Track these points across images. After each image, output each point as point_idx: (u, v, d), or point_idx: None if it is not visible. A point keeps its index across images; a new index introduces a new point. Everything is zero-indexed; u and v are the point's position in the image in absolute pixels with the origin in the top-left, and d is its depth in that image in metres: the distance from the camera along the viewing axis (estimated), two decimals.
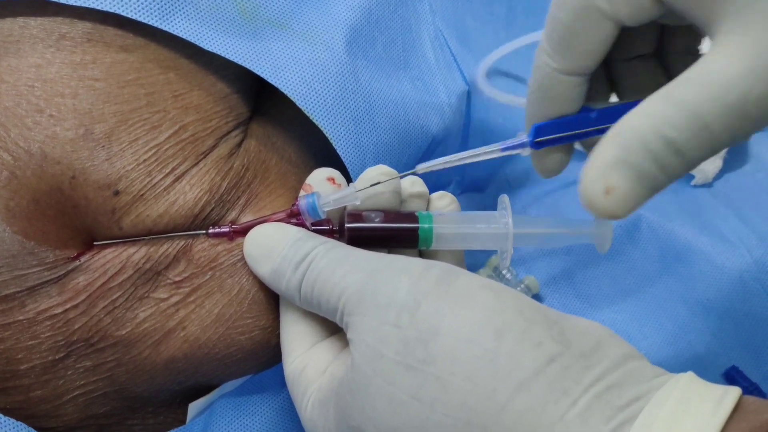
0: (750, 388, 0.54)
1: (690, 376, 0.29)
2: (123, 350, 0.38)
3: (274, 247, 0.37)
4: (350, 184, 0.39)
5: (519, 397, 0.28)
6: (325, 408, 0.34)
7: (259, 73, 0.40)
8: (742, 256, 0.58)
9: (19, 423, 0.37)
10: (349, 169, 0.43)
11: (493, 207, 0.64)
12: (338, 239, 0.38)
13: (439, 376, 0.30)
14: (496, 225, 0.39)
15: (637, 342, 0.57)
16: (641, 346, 0.57)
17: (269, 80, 0.40)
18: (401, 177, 0.39)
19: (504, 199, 0.39)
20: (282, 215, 0.39)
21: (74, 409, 0.38)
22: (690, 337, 0.57)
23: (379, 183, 0.38)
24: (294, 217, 0.39)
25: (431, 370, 0.30)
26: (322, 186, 0.39)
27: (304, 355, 0.37)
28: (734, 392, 0.28)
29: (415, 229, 0.38)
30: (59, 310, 0.37)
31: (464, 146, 0.60)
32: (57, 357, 0.37)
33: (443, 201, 0.41)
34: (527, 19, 0.66)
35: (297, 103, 0.41)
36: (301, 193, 0.39)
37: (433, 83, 0.54)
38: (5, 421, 0.37)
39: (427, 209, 0.41)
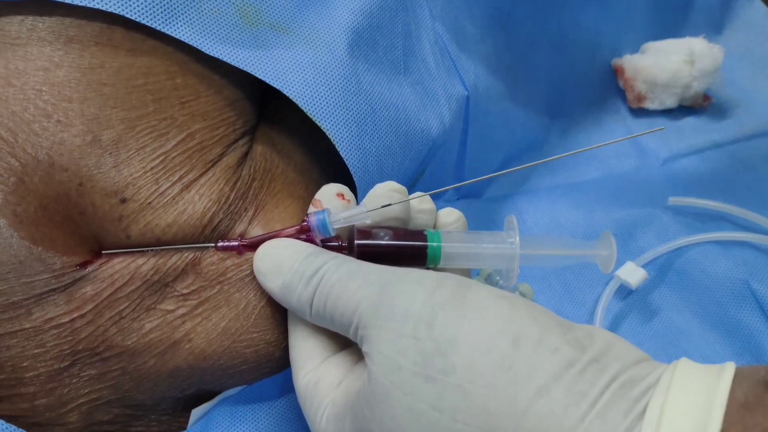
0: None
1: (685, 360, 0.30)
2: (128, 360, 0.38)
3: (284, 262, 0.37)
4: (360, 202, 0.39)
5: (539, 402, 0.29)
6: (340, 422, 0.34)
7: (261, 77, 0.40)
8: (735, 264, 0.58)
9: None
10: (352, 172, 0.43)
11: (490, 211, 0.65)
12: (347, 255, 0.38)
13: (459, 385, 0.30)
14: (503, 245, 0.39)
15: None
16: None
17: (272, 84, 0.40)
18: (411, 199, 0.39)
19: (512, 219, 0.40)
20: (292, 231, 0.39)
21: (79, 417, 0.38)
22: (684, 344, 0.58)
23: (390, 204, 0.38)
24: (303, 233, 0.39)
25: (451, 379, 0.30)
26: (331, 202, 0.39)
27: (315, 369, 0.37)
28: (731, 364, 0.29)
29: (424, 248, 0.38)
30: (66, 319, 0.37)
31: (463, 151, 0.61)
32: (62, 365, 0.37)
33: (451, 217, 0.41)
34: (527, 25, 0.66)
35: (300, 106, 0.41)
36: (311, 209, 0.39)
37: (433, 88, 0.54)
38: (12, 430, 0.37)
39: (434, 224, 0.41)
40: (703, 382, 0.28)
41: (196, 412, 0.42)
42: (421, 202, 0.41)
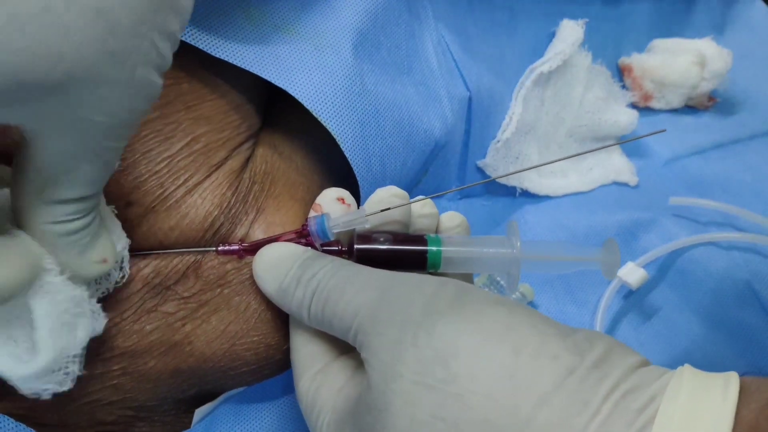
0: None
1: (689, 369, 0.30)
2: (129, 360, 0.38)
3: (282, 266, 0.37)
4: (360, 206, 0.39)
5: (541, 411, 0.28)
6: (341, 429, 0.34)
7: (267, 78, 0.40)
8: (737, 265, 0.59)
9: (27, 429, 0.37)
10: (356, 172, 0.43)
11: (493, 211, 0.65)
12: (346, 260, 0.38)
13: (460, 395, 0.30)
14: (504, 250, 0.39)
15: (634, 348, 0.57)
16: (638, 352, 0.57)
17: (278, 84, 0.40)
18: (412, 202, 0.39)
19: (513, 224, 0.40)
20: (291, 235, 0.39)
21: (81, 417, 0.39)
22: (686, 344, 0.58)
23: (389, 209, 0.38)
24: (303, 237, 0.39)
25: (452, 389, 0.30)
26: (331, 206, 0.39)
27: (317, 374, 0.37)
28: (734, 378, 0.29)
29: (424, 252, 0.38)
30: None
31: (465, 151, 0.61)
32: None
33: (453, 222, 0.41)
34: (529, 26, 0.66)
35: (306, 106, 0.41)
36: (311, 213, 0.39)
37: (436, 88, 0.54)
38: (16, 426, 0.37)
39: (436, 229, 0.41)
40: (713, 401, 0.28)
41: (199, 412, 0.42)
42: (423, 206, 0.40)
